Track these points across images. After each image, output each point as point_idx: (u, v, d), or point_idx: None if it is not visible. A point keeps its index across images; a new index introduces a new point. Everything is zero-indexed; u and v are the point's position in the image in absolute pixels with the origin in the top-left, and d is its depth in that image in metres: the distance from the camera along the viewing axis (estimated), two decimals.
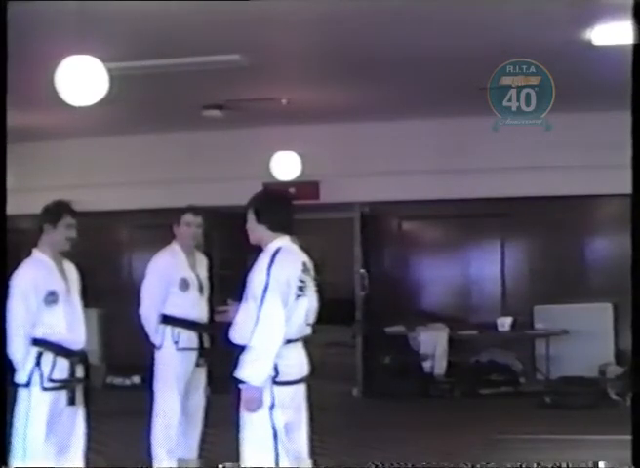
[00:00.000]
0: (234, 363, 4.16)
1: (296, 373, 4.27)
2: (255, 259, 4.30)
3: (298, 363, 4.30)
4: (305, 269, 4.31)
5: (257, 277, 4.18)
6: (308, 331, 4.35)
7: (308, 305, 4.29)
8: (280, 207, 4.41)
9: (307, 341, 4.38)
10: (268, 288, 4.11)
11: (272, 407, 4.16)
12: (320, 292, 4.43)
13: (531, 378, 10.50)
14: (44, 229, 4.97)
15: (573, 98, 7.48)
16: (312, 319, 4.37)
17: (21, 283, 4.80)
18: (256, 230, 4.35)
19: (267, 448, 4.15)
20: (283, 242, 4.30)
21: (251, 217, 4.36)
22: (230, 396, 4.20)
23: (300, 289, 4.22)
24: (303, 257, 4.37)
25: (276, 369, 4.15)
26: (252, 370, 4.10)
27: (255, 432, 4.18)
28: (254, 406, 4.13)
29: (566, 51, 7.04)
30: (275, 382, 4.16)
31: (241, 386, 4.13)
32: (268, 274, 4.13)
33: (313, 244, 5.22)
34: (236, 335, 4.25)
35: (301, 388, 4.35)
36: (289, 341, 4.19)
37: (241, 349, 4.17)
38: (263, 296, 4.10)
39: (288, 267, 4.20)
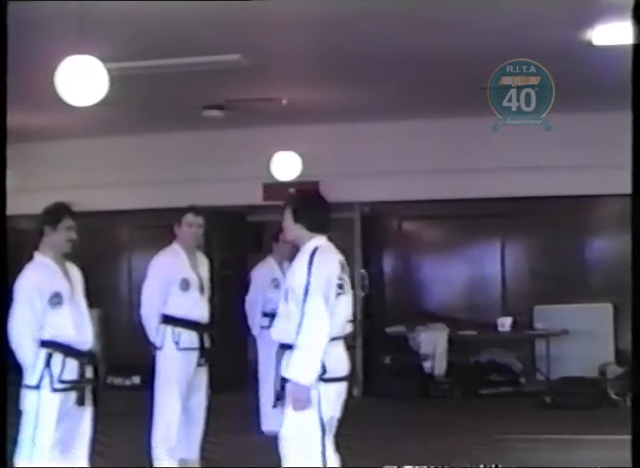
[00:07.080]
0: (277, 362, 4.27)
1: (341, 370, 4.32)
2: (292, 259, 4.39)
3: (342, 360, 4.35)
4: (343, 268, 4.39)
5: (297, 276, 4.25)
6: (349, 328, 4.42)
7: (347, 303, 4.37)
8: (317, 207, 4.48)
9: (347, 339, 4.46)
10: (310, 286, 4.17)
11: (320, 403, 4.19)
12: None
13: (531, 378, 10.50)
14: (44, 231, 4.98)
15: (573, 98, 7.48)
16: (351, 316, 4.43)
17: (25, 286, 4.81)
18: (292, 229, 4.43)
19: (315, 445, 4.18)
20: (320, 241, 4.37)
21: (288, 216, 4.43)
22: (230, 396, 4.20)
23: (340, 287, 4.29)
24: (340, 257, 4.44)
25: (324, 366, 4.18)
26: (301, 370, 4.14)
27: (302, 430, 4.20)
28: (303, 405, 4.16)
29: (566, 51, 7.04)
30: (322, 379, 4.19)
31: (288, 386, 4.17)
32: (309, 273, 4.19)
33: None
34: (278, 334, 4.32)
35: (344, 385, 4.39)
36: (333, 339, 4.24)
37: (282, 347, 4.28)
38: (306, 295, 4.16)
39: (327, 266, 4.27)
